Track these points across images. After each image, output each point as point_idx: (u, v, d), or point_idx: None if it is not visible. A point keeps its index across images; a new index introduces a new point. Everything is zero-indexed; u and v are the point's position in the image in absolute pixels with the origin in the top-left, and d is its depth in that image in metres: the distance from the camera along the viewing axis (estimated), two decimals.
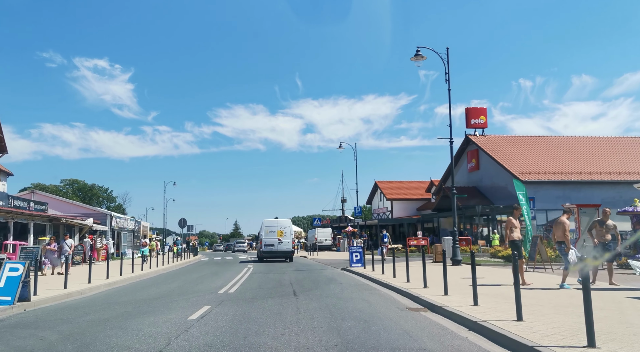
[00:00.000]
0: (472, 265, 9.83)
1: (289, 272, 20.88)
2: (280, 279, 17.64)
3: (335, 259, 32.49)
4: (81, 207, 35.70)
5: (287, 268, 24.09)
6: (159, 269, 24.80)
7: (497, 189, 40.49)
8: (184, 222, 36.58)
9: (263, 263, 29.80)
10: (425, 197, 55.01)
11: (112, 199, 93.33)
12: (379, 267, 19.49)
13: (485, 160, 41.77)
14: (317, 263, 28.98)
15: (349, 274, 19.75)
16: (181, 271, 25.30)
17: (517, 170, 37.81)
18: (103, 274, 18.11)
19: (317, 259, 33.15)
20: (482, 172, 42.38)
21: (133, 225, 42.57)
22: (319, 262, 30.16)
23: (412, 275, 14.92)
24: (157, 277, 20.84)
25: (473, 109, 43.19)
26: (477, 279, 9.82)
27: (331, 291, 13.48)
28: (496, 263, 22.79)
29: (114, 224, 36.37)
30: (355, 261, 22.41)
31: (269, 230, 30.83)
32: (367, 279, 17.24)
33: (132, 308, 10.61)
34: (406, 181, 59.17)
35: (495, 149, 41.06)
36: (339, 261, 29.78)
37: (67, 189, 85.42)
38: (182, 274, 22.38)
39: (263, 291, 13.69)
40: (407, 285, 13.80)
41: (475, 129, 43.35)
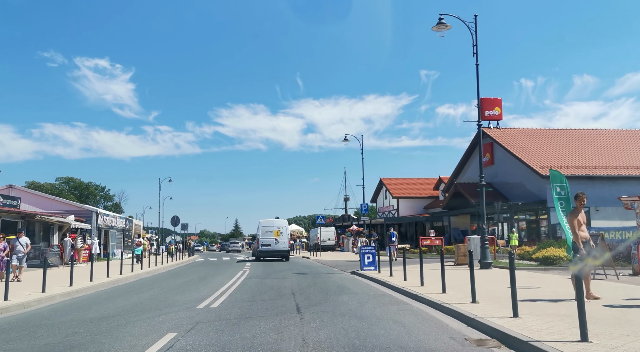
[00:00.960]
0: (510, 270, 7.44)
1: (291, 277, 17.49)
2: (279, 286, 14.24)
3: (342, 261, 29.09)
4: (64, 204, 32.35)
5: (288, 271, 20.72)
6: (142, 273, 21.39)
7: (513, 185, 37.09)
8: (177, 220, 33.16)
9: (261, 265, 26.53)
10: (433, 195, 51.60)
11: (109, 197, 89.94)
12: (397, 272, 16.11)
13: (500, 154, 38.35)
14: (321, 265, 25.58)
15: (362, 280, 16.33)
16: (168, 274, 21.90)
17: (536, 165, 34.40)
18: (76, 279, 14.74)
19: (321, 261, 29.76)
20: (496, 167, 38.95)
21: (123, 223, 39.18)
22: (323, 264, 26.77)
23: (439, 281, 11.52)
24: (135, 283, 17.42)
25: (487, 99, 39.70)
26: (529, 288, 6.59)
27: (346, 305, 10.07)
28: (529, 266, 19.37)
29: (100, 222, 32.99)
30: (367, 263, 19.03)
31: (266, 230, 30.86)
32: (386, 287, 13.82)
33: (61, 339, 7.18)
34: (413, 178, 55.77)
35: (511, 142, 37.64)
36: (346, 263, 26.38)
37: (62, 187, 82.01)
38: (165, 278, 18.96)
39: (256, 305, 10.28)
40: (444, 297, 10.39)
41: (489, 122, 39.91)
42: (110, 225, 35.59)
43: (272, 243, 30.40)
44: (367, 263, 19.01)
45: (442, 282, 11.26)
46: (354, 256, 32.66)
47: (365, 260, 19.05)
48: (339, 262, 27.84)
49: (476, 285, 9.73)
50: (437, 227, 45.23)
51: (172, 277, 19.42)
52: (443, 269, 11.48)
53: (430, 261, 25.65)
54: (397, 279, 14.98)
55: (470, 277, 9.75)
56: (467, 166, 42.79)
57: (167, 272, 23.29)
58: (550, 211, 33.46)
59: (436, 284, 12.82)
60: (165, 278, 18.95)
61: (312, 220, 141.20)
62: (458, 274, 16.21)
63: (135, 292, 13.74)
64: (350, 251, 44.95)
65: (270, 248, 30.42)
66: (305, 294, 12.15)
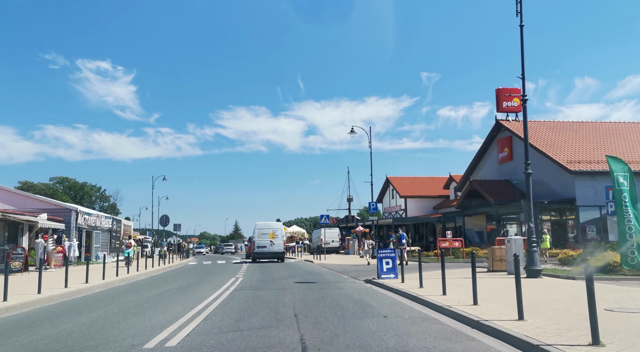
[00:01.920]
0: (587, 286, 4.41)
1: (292, 287, 13.77)
2: (277, 302, 10.53)
3: (349, 265, 25.35)
4: (40, 201, 28.64)
5: (289, 278, 17.02)
6: (116, 280, 17.65)
7: (535, 183, 33.17)
8: (166, 220, 29.38)
9: (258, 269, 22.89)
10: (443, 194, 47.91)
11: (106, 198, 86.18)
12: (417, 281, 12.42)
13: (520, 149, 34.56)
14: (327, 270, 21.86)
15: (384, 293, 12.57)
16: (147, 282, 18.18)
17: (563, 159, 30.71)
18: (23, 290, 11.08)
19: (326, 265, 26.01)
20: (516, 163, 35.18)
21: (110, 224, 35.45)
22: (329, 269, 23.04)
23: (489, 295, 7.92)
24: (95, 295, 13.68)
25: (504, 90, 36.03)
26: None
27: (378, 338, 6.37)
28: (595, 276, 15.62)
29: (80, 222, 29.27)
30: (385, 269, 15.31)
31: (262, 232, 31.15)
32: (422, 305, 10.07)
33: None
34: (421, 177, 52.02)
35: (533, 136, 33.92)
36: (355, 268, 22.66)
37: (56, 187, 78.29)
38: (138, 289, 15.23)
39: (239, 341, 6.54)
40: (521, 326, 6.70)
41: (507, 114, 36.24)
42: (94, 225, 31.87)
43: (267, 245, 30.66)
44: (385, 269, 15.29)
45: (516, 304, 7.49)
46: (361, 259, 29.06)
47: (383, 266, 15.33)
48: (347, 267, 24.11)
49: (533, 301, 6.05)
50: (449, 228, 41.49)
51: (148, 287, 15.68)
52: (474, 278, 7.79)
53: (452, 266, 21.91)
54: (430, 292, 11.25)
55: (534, 291, 6.02)
56: (482, 162, 39.02)
57: (147, 279, 19.57)
58: (579, 211, 29.78)
59: (494, 302, 9.17)
60: (138, 288, 15.21)
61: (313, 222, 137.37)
62: (502, 285, 12.49)
63: (82, 311, 10.01)
64: (355, 254, 41.18)
65: (266, 250, 30.71)
66: (313, 316, 8.44)
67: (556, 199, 30.88)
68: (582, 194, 29.85)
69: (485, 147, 38.38)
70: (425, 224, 45.63)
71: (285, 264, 29.23)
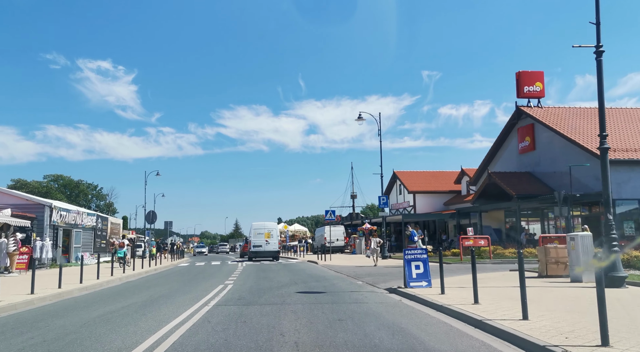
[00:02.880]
0: None
1: (294, 301, 10.06)
2: (271, 330, 6.82)
3: (360, 267, 21.63)
4: (6, 195, 24.90)
5: (291, 286, 13.32)
6: (75, 289, 13.94)
7: (562, 175, 29.56)
8: (153, 216, 25.59)
9: (253, 273, 19.26)
10: (454, 190, 44.18)
11: (102, 196, 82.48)
12: (463, 291, 8.67)
13: (544, 137, 30.92)
14: (336, 274, 18.13)
15: (424, 311, 8.77)
16: (113, 291, 14.47)
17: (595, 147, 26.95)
18: None
19: (332, 267, 22.28)
20: (539, 153, 31.50)
21: (94, 221, 31.71)
22: (337, 272, 19.31)
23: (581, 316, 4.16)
24: (18, 317, 9.97)
25: (526, 73, 32.35)
26: None
27: None
28: None
29: (56, 219, 25.54)
30: (416, 275, 11.57)
31: (257, 232, 31.63)
32: (500, 338, 6.31)
33: None
34: (430, 171, 48.26)
35: (559, 122, 30.22)
36: (368, 271, 18.94)
37: (50, 185, 74.59)
38: (91, 303, 11.51)
39: None
40: None
41: (528, 100, 32.53)
42: (73, 223, 28.14)
43: (263, 244, 31.18)
44: (415, 275, 11.56)
45: None
46: (369, 259, 25.40)
47: (412, 270, 11.60)
48: (358, 270, 20.39)
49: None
50: (463, 224, 37.77)
51: (107, 299, 11.92)
52: (527, 287, 4.00)
53: (484, 269, 18.20)
54: (500, 313, 7.51)
55: None
56: (500, 153, 35.25)
57: (118, 286, 15.83)
58: (616, 205, 26.06)
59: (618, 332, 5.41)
60: (93, 302, 11.48)
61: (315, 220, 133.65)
62: (580, 298, 8.75)
63: None
64: (362, 254, 37.45)
65: (262, 249, 31.22)
66: None
67: (586, 192, 27.17)
68: (618, 186, 26.17)
69: (504, 137, 34.64)
70: (436, 221, 41.91)
71: (286, 265, 25.54)
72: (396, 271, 18.71)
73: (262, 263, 28.17)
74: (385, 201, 28.49)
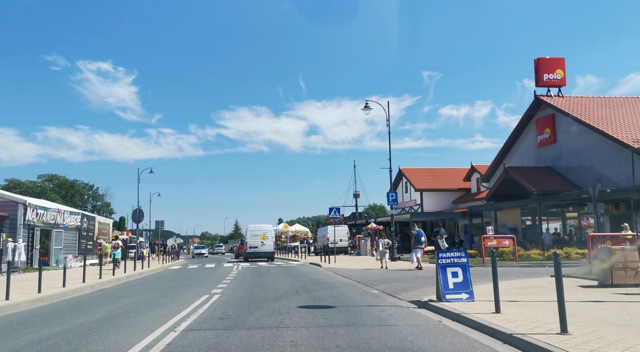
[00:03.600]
0: None
1: (294, 323, 7.26)
2: None
3: (369, 271, 18.82)
4: None
5: (290, 297, 10.51)
6: (25, 302, 11.18)
7: (587, 170, 26.78)
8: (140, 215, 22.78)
9: (248, 278, 16.52)
10: (463, 187, 41.42)
11: (98, 197, 79.65)
12: (518, 307, 5.81)
13: (566, 129, 28.14)
14: (345, 280, 15.31)
15: (486, 342, 5.92)
16: (71, 303, 11.70)
17: (629, 139, 24.21)
18: None
19: (339, 271, 19.47)
20: (560, 146, 28.72)
21: (78, 221, 28.92)
22: (345, 277, 16.50)
23: None
24: None
25: (545, 59, 29.62)
26: None
27: None
28: None
29: (32, 218, 22.75)
30: (453, 285, 8.78)
31: (253, 234, 32.21)
32: None
33: None
34: (438, 168, 45.41)
35: (583, 113, 27.43)
36: (381, 276, 16.13)
37: (45, 185, 71.77)
38: (24, 325, 8.74)
39: None
40: None
41: (548, 88, 29.77)
42: (53, 222, 25.35)
43: (259, 245, 31.70)
44: (452, 285, 8.76)
45: None
46: (377, 262, 22.65)
47: (448, 279, 8.80)
48: (368, 274, 17.58)
49: None
50: (476, 224, 34.99)
51: (48, 319, 9.09)
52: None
53: (511, 274, 15.41)
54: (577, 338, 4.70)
55: None
56: (516, 147, 32.43)
57: (82, 297, 13.04)
58: None
59: None
60: (25, 323, 8.64)
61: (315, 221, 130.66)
62: None
63: None
64: (368, 255, 34.63)
65: (257, 250, 31.79)
66: None
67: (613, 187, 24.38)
68: None
69: (520, 130, 31.84)
70: (446, 221, 39.10)
71: (286, 268, 22.76)
72: (411, 276, 15.91)
73: (259, 266, 25.43)
74: (394, 198, 25.69)
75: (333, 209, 24.78)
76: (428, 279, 14.34)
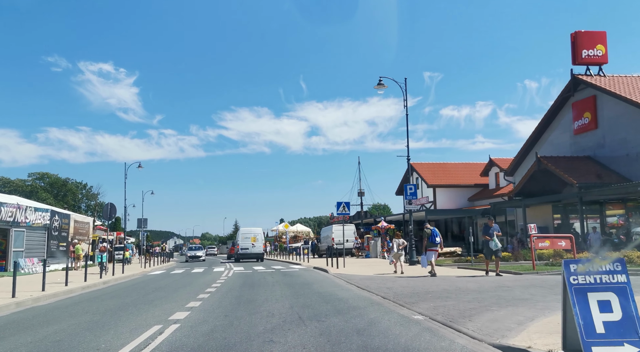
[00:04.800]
0: None
1: None
2: None
3: (387, 278, 14.43)
4: None
5: (291, 337, 6.16)
6: None
7: (637, 158, 22.52)
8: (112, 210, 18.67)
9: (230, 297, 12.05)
10: (480, 183, 37.17)
11: (93, 196, 75.27)
12: None
13: (610, 112, 23.82)
14: (366, 295, 10.92)
15: None
16: None
17: None
18: None
19: (351, 279, 15.08)
20: (603, 132, 24.39)
21: (47, 218, 24.62)
22: (366, 289, 12.10)
23: None
24: None
25: (584, 33, 25.29)
26: None
27: None
28: None
29: None
30: (605, 327, 4.44)
31: (244, 237, 33.72)
32: None
33: None
34: (452, 163, 41.07)
35: (632, 93, 23.15)
36: (411, 288, 11.72)
37: (35, 183, 67.42)
38: None
39: None
40: None
41: (587, 67, 25.46)
42: (11, 220, 21.08)
43: (249, 247, 33.10)
44: (603, 328, 4.44)
45: None
46: (391, 265, 18.49)
47: (592, 314, 4.48)
48: (390, 283, 13.25)
49: None
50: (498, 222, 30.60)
51: None
52: None
53: None
54: None
55: None
56: (546, 136, 28.05)
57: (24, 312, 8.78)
58: None
59: None
60: None
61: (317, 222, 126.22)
62: None
63: None
64: (378, 257, 30.30)
65: (248, 251, 33.13)
66: None
67: None
68: None
69: (552, 116, 27.46)
70: (464, 219, 34.77)
71: (285, 275, 18.46)
72: (451, 288, 11.59)
73: (254, 271, 21.19)
74: (413, 191, 21.40)
75: (342, 204, 20.47)
76: (476, 293, 10.14)
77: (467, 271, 17.36)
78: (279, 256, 41.64)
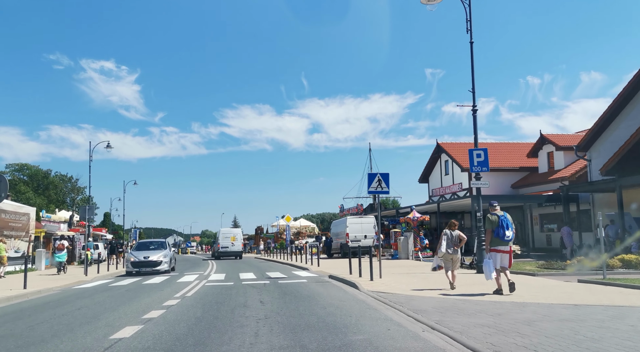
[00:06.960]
0: None
1: None
2: None
3: (447, 297, 6.22)
4: None
5: None
6: None
7: None
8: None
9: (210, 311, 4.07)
10: (528, 166, 29.22)
11: (79, 190, 67.17)
12: None
13: None
14: None
15: None
16: None
17: None
18: None
19: (419, 309, 7.00)
20: None
21: None
22: None
23: None
24: None
25: None
26: None
27: None
28: None
29: None
30: None
31: (225, 236, 35.99)
32: None
33: None
34: (489, 143, 32.97)
35: None
36: None
37: (14, 175, 59.40)
38: None
39: None
40: None
41: None
42: None
43: (229, 246, 35.27)
44: None
45: None
46: (445, 276, 10.42)
47: None
48: (470, 314, 4.99)
49: None
50: (553, 214, 22.47)
51: None
52: None
53: None
54: None
55: None
56: (629, 109, 19.70)
57: None
58: None
59: None
60: None
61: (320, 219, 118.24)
62: None
63: None
64: (410, 258, 22.17)
65: (228, 249, 35.25)
66: None
67: None
68: None
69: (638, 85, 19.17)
70: (509, 210, 26.62)
71: (285, 295, 10.37)
72: None
73: (233, 287, 13.08)
74: (483, 159, 13.30)
75: (376, 176, 12.37)
76: None
77: (545, 300, 9.25)
78: (278, 256, 33.52)
